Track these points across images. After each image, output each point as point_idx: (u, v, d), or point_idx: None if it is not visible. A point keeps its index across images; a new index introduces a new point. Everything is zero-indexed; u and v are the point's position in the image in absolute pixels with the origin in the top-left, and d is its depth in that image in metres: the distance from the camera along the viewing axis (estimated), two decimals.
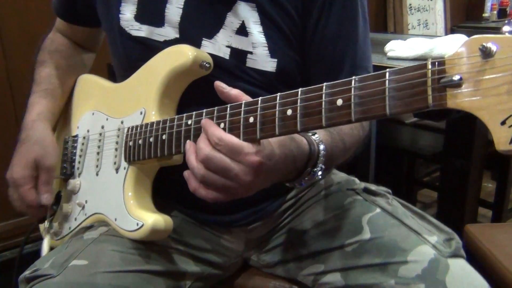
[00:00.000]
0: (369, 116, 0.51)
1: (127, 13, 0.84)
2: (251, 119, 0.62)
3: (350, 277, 0.80)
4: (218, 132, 0.62)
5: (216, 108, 0.66)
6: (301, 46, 0.82)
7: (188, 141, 0.68)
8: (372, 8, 2.87)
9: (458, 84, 0.43)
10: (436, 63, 0.46)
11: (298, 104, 0.58)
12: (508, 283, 1.05)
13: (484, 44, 0.42)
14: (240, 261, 0.96)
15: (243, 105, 0.63)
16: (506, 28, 0.52)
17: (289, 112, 0.58)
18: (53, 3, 1.02)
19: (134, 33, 0.83)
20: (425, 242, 0.77)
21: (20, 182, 0.86)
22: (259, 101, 0.61)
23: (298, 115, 0.57)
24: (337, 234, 0.84)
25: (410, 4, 2.94)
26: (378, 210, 0.85)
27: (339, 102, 0.53)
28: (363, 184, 0.92)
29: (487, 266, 1.13)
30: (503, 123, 0.40)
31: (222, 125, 0.65)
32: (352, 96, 0.52)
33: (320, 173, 0.70)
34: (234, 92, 0.65)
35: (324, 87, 0.55)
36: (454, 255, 0.75)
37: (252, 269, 0.96)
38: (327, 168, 0.72)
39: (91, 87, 0.99)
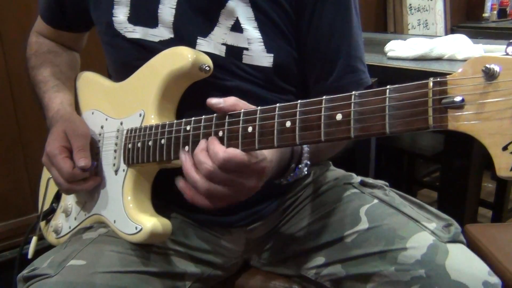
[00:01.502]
0: (368, 133, 0.50)
1: (120, 16, 0.83)
2: (250, 129, 0.61)
3: (351, 267, 0.80)
4: (220, 152, 0.61)
5: (214, 115, 0.66)
6: (296, 39, 0.82)
7: (182, 152, 0.67)
8: (372, 8, 2.84)
9: (459, 106, 0.42)
10: (438, 82, 0.45)
11: (297, 116, 0.57)
12: (508, 283, 1.04)
13: (487, 65, 0.41)
14: (240, 261, 0.96)
15: (241, 114, 0.63)
16: (510, 49, 0.50)
17: (288, 124, 0.58)
18: (40, 9, 1.00)
19: (129, 35, 0.83)
20: (423, 229, 0.77)
21: (54, 152, 0.82)
22: (258, 111, 0.61)
23: (297, 128, 0.57)
24: (336, 227, 0.84)
25: (410, 4, 2.92)
26: (375, 201, 0.85)
27: (339, 117, 0.53)
28: (359, 178, 0.93)
29: (487, 266, 1.13)
30: (504, 148, 0.39)
31: (220, 133, 0.64)
32: (352, 112, 0.51)
33: (305, 169, 0.72)
34: (230, 102, 0.64)
35: (323, 100, 0.55)
36: (453, 240, 0.76)
37: (253, 269, 0.97)
38: (315, 163, 0.72)
39: (91, 85, 0.98)
